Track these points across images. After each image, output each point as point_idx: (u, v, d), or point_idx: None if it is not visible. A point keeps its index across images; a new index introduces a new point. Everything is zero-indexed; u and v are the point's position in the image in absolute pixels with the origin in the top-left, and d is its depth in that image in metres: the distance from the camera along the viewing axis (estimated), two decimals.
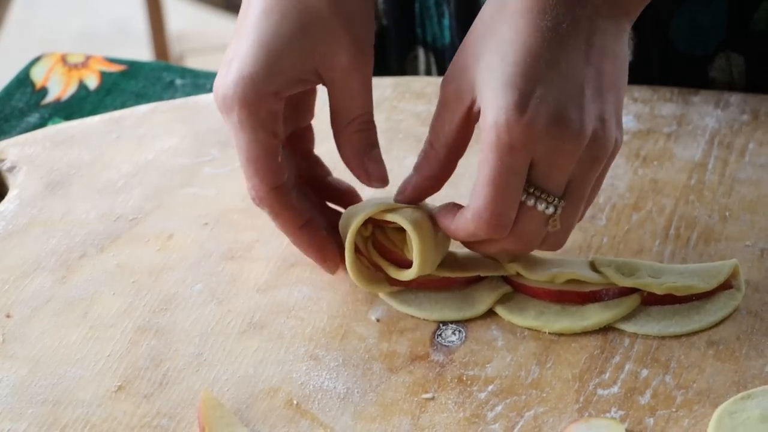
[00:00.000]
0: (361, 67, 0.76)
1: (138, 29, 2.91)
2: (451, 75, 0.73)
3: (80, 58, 1.06)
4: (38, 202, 0.88)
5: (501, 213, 0.71)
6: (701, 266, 0.79)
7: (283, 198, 0.77)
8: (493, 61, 0.71)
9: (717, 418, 0.70)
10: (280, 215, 0.77)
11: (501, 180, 0.70)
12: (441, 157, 0.75)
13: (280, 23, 0.75)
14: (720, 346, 0.75)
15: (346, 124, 0.77)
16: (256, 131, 0.75)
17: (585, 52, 0.71)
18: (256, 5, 0.76)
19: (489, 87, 0.70)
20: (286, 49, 0.74)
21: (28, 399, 0.73)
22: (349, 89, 0.76)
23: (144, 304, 0.79)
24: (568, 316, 0.77)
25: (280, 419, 0.71)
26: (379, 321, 0.78)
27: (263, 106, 0.74)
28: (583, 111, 0.70)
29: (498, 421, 0.71)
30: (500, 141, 0.69)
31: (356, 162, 0.78)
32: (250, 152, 0.75)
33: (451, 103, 0.73)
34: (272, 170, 0.76)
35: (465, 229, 0.73)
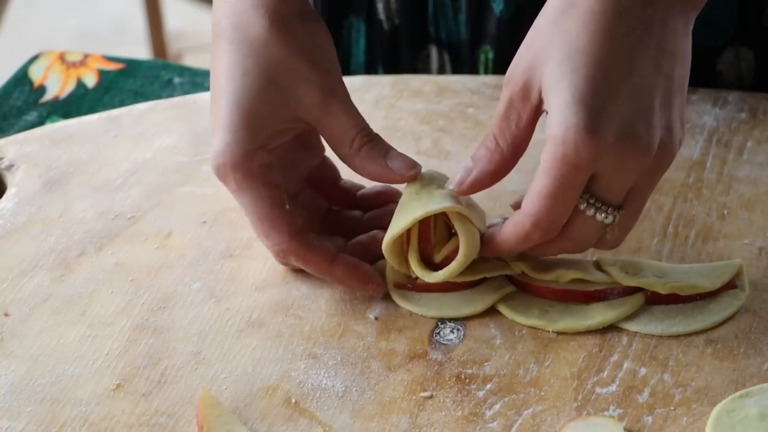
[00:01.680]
0: (336, 93, 0.76)
1: (136, 28, 2.90)
2: (517, 74, 0.72)
3: (78, 56, 1.06)
4: (36, 200, 0.88)
5: (554, 221, 0.72)
6: (705, 266, 0.79)
7: (305, 241, 0.77)
8: (563, 69, 0.70)
9: (715, 416, 0.70)
10: (308, 258, 0.77)
11: (560, 193, 0.70)
12: (506, 156, 0.74)
13: (245, 82, 0.75)
14: (718, 345, 0.75)
15: (347, 150, 0.77)
16: (257, 188, 0.75)
17: (656, 59, 0.71)
18: (221, 71, 0.77)
19: (559, 99, 0.70)
20: (259, 103, 0.75)
21: (27, 397, 0.73)
22: (334, 118, 0.76)
23: (142, 303, 0.79)
24: (571, 315, 0.77)
25: (278, 417, 0.71)
26: (378, 319, 0.78)
27: (254, 162, 0.75)
28: (652, 126, 0.70)
29: (496, 419, 0.71)
30: (566, 159, 0.69)
31: (380, 171, 0.77)
32: (257, 210, 0.76)
33: (517, 102, 0.73)
34: (285, 219, 0.76)
35: (515, 233, 0.73)
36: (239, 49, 0.76)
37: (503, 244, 0.75)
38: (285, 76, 0.76)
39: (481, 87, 0.98)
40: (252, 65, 0.75)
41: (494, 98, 0.96)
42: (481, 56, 1.02)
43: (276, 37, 0.76)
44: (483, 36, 1.01)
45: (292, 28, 0.76)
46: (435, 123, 0.94)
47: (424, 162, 0.89)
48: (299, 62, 0.76)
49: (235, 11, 0.77)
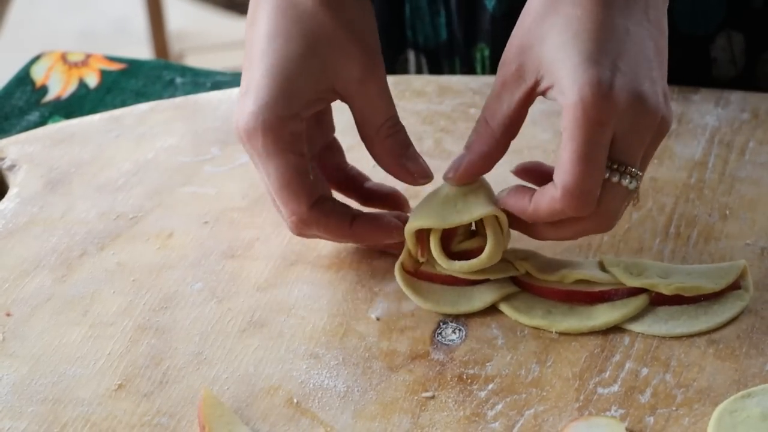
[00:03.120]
0: (376, 74, 0.76)
1: (138, 28, 2.91)
2: (511, 55, 0.73)
3: (80, 56, 1.06)
4: (38, 200, 0.88)
5: (590, 189, 0.71)
6: (710, 267, 0.79)
7: (324, 209, 0.76)
8: (563, 39, 0.71)
9: (717, 416, 0.69)
10: (329, 224, 0.77)
11: (590, 155, 0.70)
12: (497, 136, 0.74)
13: (287, 47, 0.75)
14: (720, 345, 0.75)
15: (375, 133, 0.77)
16: (285, 154, 0.74)
17: (646, 27, 0.72)
18: (261, 33, 0.76)
19: (566, 65, 0.70)
20: (299, 71, 0.74)
21: (28, 397, 0.73)
22: (368, 99, 0.76)
23: (144, 303, 0.79)
24: (575, 316, 0.77)
25: (280, 418, 0.71)
26: (379, 320, 0.78)
27: (286, 129, 0.74)
28: (656, 84, 0.71)
29: (498, 419, 0.71)
30: (588, 117, 0.69)
31: (396, 166, 0.77)
32: (282, 177, 0.75)
33: (511, 82, 0.73)
34: (308, 188, 0.75)
35: (550, 208, 0.72)
36: (285, 14, 0.75)
37: (531, 216, 0.74)
38: (328, 47, 0.75)
39: (483, 87, 0.98)
40: (296, 32, 0.75)
41: None
42: (477, 54, 1.02)
43: (325, 7, 0.75)
44: (477, 34, 1.01)
45: (341, 2, 0.76)
46: (437, 123, 0.94)
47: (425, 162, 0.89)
48: (344, 36, 0.75)
49: None
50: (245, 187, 0.89)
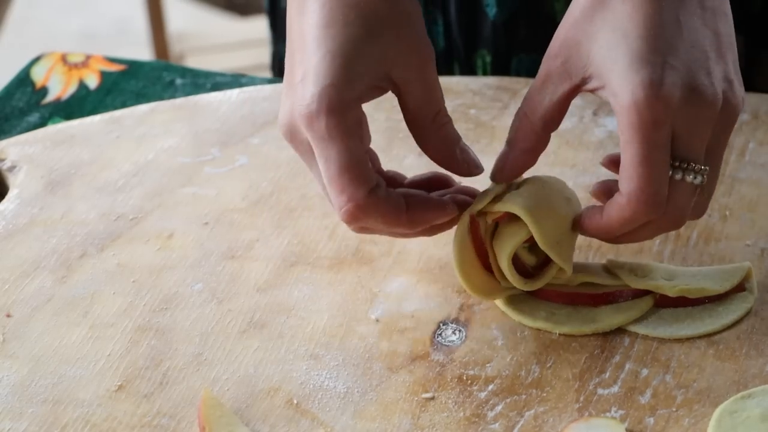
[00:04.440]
0: (431, 62, 0.75)
1: (138, 29, 2.91)
2: (558, 50, 0.73)
3: (80, 57, 1.06)
4: (38, 201, 0.88)
5: (657, 191, 0.71)
6: (714, 269, 0.79)
7: (380, 195, 0.74)
8: (613, 38, 0.70)
9: (717, 417, 0.70)
10: (387, 211, 0.74)
11: (652, 157, 0.70)
12: (538, 130, 0.74)
13: (345, 32, 0.73)
14: (720, 346, 0.75)
15: (431, 123, 0.76)
16: (347, 138, 0.72)
17: (701, 16, 0.72)
18: (314, 21, 0.74)
19: (617, 65, 0.70)
20: (359, 55, 0.73)
21: (29, 398, 0.73)
22: (426, 87, 0.75)
23: (144, 304, 0.79)
24: (578, 318, 0.77)
25: (280, 419, 0.71)
26: (379, 320, 0.78)
27: (350, 114, 0.72)
28: (712, 75, 0.71)
29: (498, 420, 0.71)
30: (643, 119, 0.69)
31: (451, 156, 0.76)
32: (342, 161, 0.72)
33: (556, 77, 0.73)
34: (367, 174, 0.73)
35: (621, 217, 0.72)
36: (340, 1, 0.74)
37: (607, 230, 0.73)
38: (387, 32, 0.74)
39: (482, 88, 0.98)
40: (355, 17, 0.73)
41: (496, 99, 0.96)
42: (479, 61, 1.02)
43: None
44: (478, 40, 1.01)
45: None
46: None
47: (426, 163, 0.89)
48: (402, 23, 0.74)
49: None
50: (245, 188, 0.89)
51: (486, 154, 0.90)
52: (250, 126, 0.95)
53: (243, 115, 0.96)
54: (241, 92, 0.99)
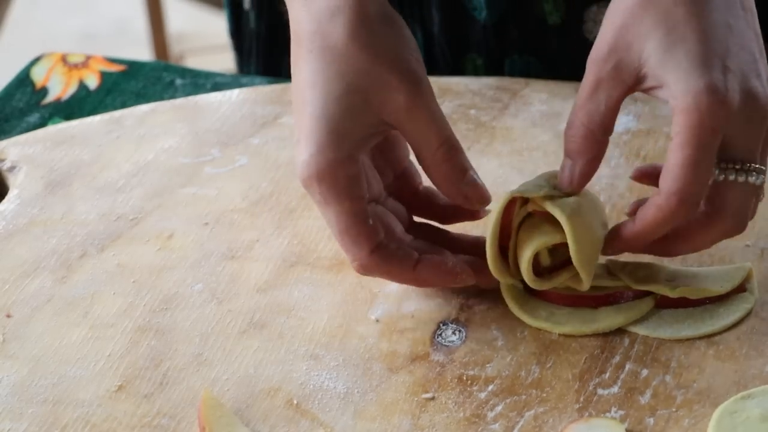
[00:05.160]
0: (422, 99, 0.74)
1: (138, 29, 2.91)
2: (605, 54, 0.72)
3: (80, 58, 1.06)
4: (38, 201, 0.88)
5: (699, 192, 0.71)
6: (715, 269, 0.79)
7: (385, 254, 0.75)
8: (669, 40, 0.71)
9: (717, 417, 0.70)
10: (391, 270, 0.75)
11: (702, 160, 0.70)
12: (599, 137, 0.74)
13: (327, 90, 0.73)
14: (720, 346, 0.75)
15: (431, 158, 0.75)
16: (342, 201, 0.73)
17: (744, 17, 0.72)
18: (303, 80, 0.74)
19: (677, 70, 0.70)
20: (342, 111, 0.73)
21: (29, 399, 0.73)
22: (419, 126, 0.74)
23: (144, 304, 0.79)
24: (578, 318, 0.76)
25: (280, 419, 0.71)
26: (379, 321, 0.78)
27: (341, 174, 0.73)
28: (761, 77, 0.71)
29: (498, 420, 0.71)
30: (704, 123, 0.69)
31: (454, 191, 0.76)
32: (340, 223, 0.74)
33: (607, 81, 0.73)
34: (367, 234, 0.74)
35: (656, 218, 0.72)
36: (321, 57, 0.74)
37: (644, 232, 0.73)
38: (368, 82, 0.73)
39: (482, 88, 0.98)
40: (334, 73, 0.73)
41: (496, 99, 0.96)
42: (469, 65, 1.02)
43: (357, 42, 0.74)
44: (467, 45, 1.01)
45: (372, 33, 0.74)
46: None
47: None
48: (382, 67, 0.74)
49: (314, 18, 0.75)
50: (245, 188, 0.89)
51: (486, 154, 0.90)
52: (250, 126, 0.95)
53: (243, 116, 0.96)
54: (241, 92, 0.99)
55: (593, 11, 0.98)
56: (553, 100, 0.97)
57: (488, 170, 0.88)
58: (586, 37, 0.98)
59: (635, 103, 0.95)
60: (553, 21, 0.99)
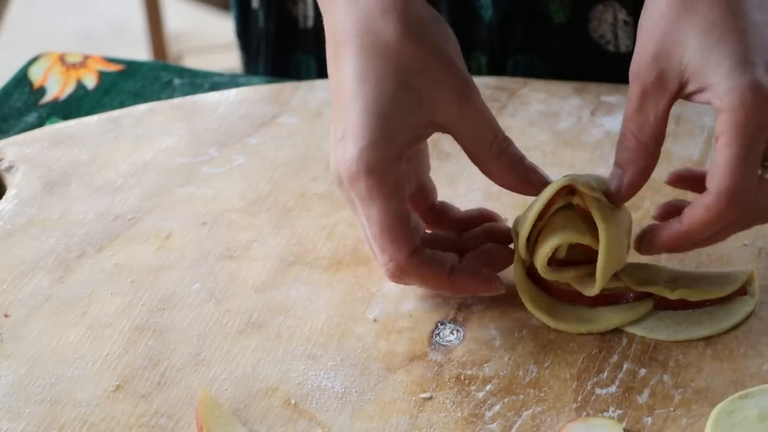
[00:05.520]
0: (472, 96, 0.75)
1: (136, 29, 2.91)
2: (647, 63, 0.73)
3: (78, 57, 1.06)
4: (36, 201, 0.88)
5: (748, 189, 0.71)
6: (717, 273, 0.78)
7: (424, 258, 0.74)
8: (708, 42, 0.71)
9: (715, 417, 0.70)
10: (427, 274, 0.75)
11: (750, 157, 0.70)
12: (650, 149, 0.74)
13: (379, 86, 0.73)
14: (718, 346, 0.75)
15: (488, 152, 0.75)
16: (387, 199, 0.73)
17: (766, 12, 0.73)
18: (349, 75, 0.74)
19: (719, 70, 0.70)
20: (396, 109, 0.73)
21: (26, 398, 0.73)
22: (471, 122, 0.75)
23: (142, 304, 0.79)
24: (576, 316, 0.76)
25: (278, 419, 0.71)
26: (377, 320, 0.78)
27: (389, 172, 0.72)
28: None
29: (496, 420, 0.71)
30: (750, 121, 0.69)
31: (515, 179, 0.76)
32: (383, 222, 0.73)
33: (653, 92, 0.73)
34: (408, 235, 0.73)
35: (705, 218, 0.72)
36: (372, 53, 0.73)
37: (692, 232, 0.73)
38: (421, 79, 0.73)
39: (481, 88, 0.97)
40: (387, 69, 0.73)
41: (494, 99, 0.96)
42: (473, 63, 1.02)
43: (410, 39, 0.74)
44: (472, 43, 1.01)
45: (425, 32, 0.74)
46: None
47: None
48: (434, 65, 0.74)
49: (364, 15, 0.74)
50: (243, 188, 0.89)
51: None
52: (248, 126, 0.95)
53: (241, 115, 0.96)
54: (239, 92, 0.99)
55: (599, 10, 0.98)
56: (551, 99, 0.97)
57: None
58: (590, 36, 0.99)
59: None
60: (558, 20, 0.99)
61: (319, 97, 0.97)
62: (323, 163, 0.90)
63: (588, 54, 0.99)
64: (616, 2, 0.97)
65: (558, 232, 0.75)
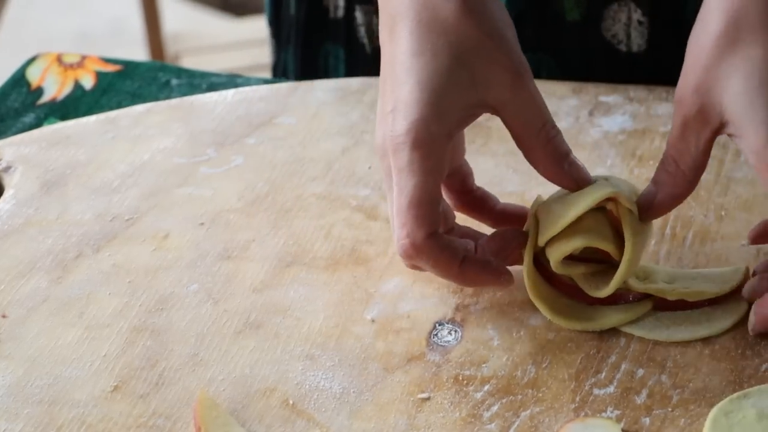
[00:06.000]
0: (526, 79, 0.74)
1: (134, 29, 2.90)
2: (689, 95, 0.73)
3: (76, 58, 1.06)
4: (34, 202, 0.88)
5: None
6: (713, 271, 0.79)
7: (440, 242, 0.74)
8: (748, 86, 0.70)
9: (713, 417, 0.70)
10: (440, 259, 0.74)
11: None
12: (689, 178, 0.75)
13: (435, 61, 0.73)
14: (716, 346, 0.75)
15: (535, 139, 0.75)
16: (426, 175, 0.72)
17: None
18: (404, 49, 0.74)
19: (754, 121, 0.70)
20: (449, 85, 0.73)
21: (24, 399, 0.73)
22: (523, 105, 0.74)
23: (140, 304, 0.79)
24: (575, 314, 0.76)
25: (276, 419, 0.71)
26: (375, 321, 0.78)
27: (435, 150, 0.72)
28: None
29: (494, 420, 0.71)
30: None
31: (557, 171, 0.76)
32: (413, 197, 0.72)
33: (694, 123, 0.73)
34: (432, 215, 0.73)
35: None
36: (429, 29, 0.73)
37: None
38: (476, 57, 0.73)
39: None
40: (443, 45, 0.73)
41: None
42: None
43: (468, 17, 0.73)
44: None
45: (483, 9, 0.74)
46: None
47: None
48: (491, 44, 0.74)
49: None
50: (241, 188, 0.89)
51: (482, 154, 0.90)
52: (245, 126, 0.95)
53: (239, 116, 0.96)
54: (237, 93, 0.99)
55: (613, 9, 0.97)
56: (549, 99, 0.96)
57: (484, 170, 0.88)
58: (603, 35, 0.98)
59: (631, 102, 0.95)
60: (572, 17, 0.98)
61: (317, 98, 0.97)
62: (321, 164, 0.90)
63: (599, 53, 0.99)
64: (632, 2, 0.96)
65: (585, 233, 0.75)
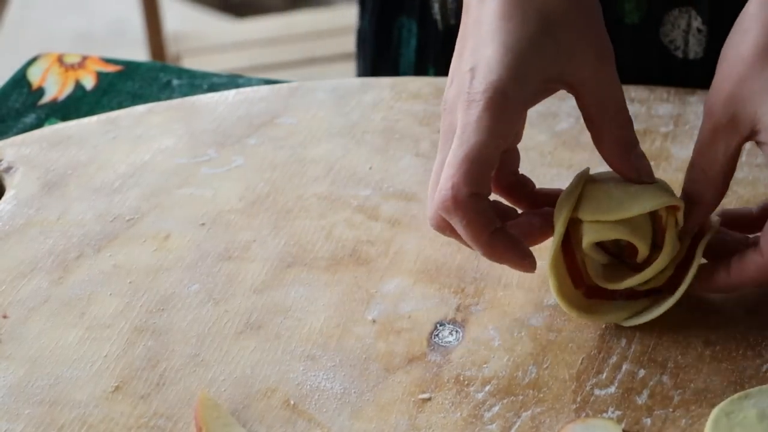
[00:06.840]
0: (610, 59, 0.74)
1: (134, 30, 2.90)
2: (721, 105, 0.72)
3: (77, 58, 1.06)
4: (35, 202, 0.88)
5: None
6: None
7: (479, 204, 0.72)
8: None
9: (714, 418, 0.70)
10: (475, 221, 0.72)
11: None
12: (718, 185, 0.74)
13: (522, 28, 0.72)
14: (717, 346, 0.75)
15: (608, 122, 0.75)
16: (491, 136, 0.71)
17: None
18: (491, 11, 0.73)
19: None
20: (533, 53, 0.72)
21: (25, 399, 0.73)
22: (603, 85, 0.74)
23: (141, 305, 0.79)
24: (583, 305, 0.76)
25: (277, 419, 0.71)
26: (376, 321, 0.78)
27: (506, 114, 0.72)
28: None
29: (495, 421, 0.71)
30: None
31: (623, 160, 0.75)
32: (472, 152, 0.71)
33: (723, 131, 0.73)
34: (483, 179, 0.72)
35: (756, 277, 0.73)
36: None
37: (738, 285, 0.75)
38: (564, 29, 0.73)
39: None
40: (533, 12, 0.72)
41: None
42: None
43: None
44: None
45: None
46: (434, 125, 0.94)
47: (423, 164, 0.89)
48: (580, 18, 0.73)
49: None
50: (242, 189, 0.89)
51: None
52: (246, 127, 0.95)
53: (239, 116, 0.96)
54: (238, 93, 0.99)
55: (674, 15, 0.96)
56: (550, 100, 0.96)
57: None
58: (660, 39, 0.97)
59: (632, 103, 0.95)
60: (630, 20, 0.97)
61: (318, 98, 0.97)
62: (322, 164, 0.90)
63: (654, 58, 0.98)
64: (693, 9, 0.95)
65: (633, 229, 0.74)
